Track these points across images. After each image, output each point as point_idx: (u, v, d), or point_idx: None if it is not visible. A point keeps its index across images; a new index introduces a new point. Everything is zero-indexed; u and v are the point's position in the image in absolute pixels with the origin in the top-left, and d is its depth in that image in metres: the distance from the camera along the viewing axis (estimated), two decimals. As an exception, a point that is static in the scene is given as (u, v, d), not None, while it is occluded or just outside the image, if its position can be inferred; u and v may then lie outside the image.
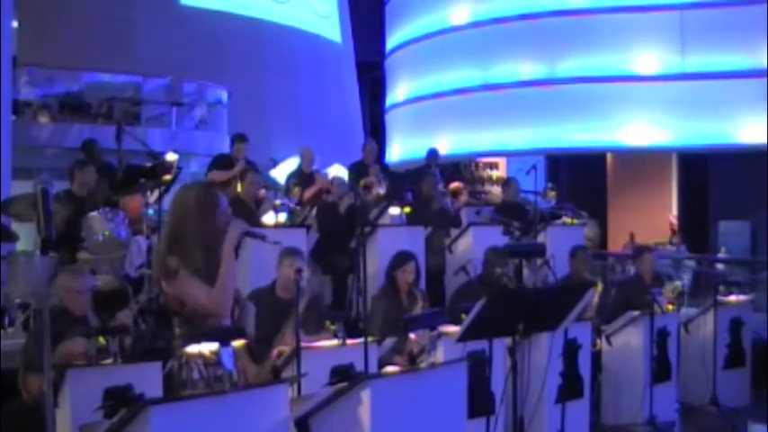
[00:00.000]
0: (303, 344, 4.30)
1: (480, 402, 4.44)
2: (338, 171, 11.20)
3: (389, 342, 5.05)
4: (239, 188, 7.17)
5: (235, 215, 3.39)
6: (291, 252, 4.97)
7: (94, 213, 6.27)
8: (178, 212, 3.23)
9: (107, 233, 6.25)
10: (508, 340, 4.11)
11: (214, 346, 3.10)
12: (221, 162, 8.02)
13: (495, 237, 7.20)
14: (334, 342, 4.54)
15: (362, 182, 8.33)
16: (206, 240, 3.18)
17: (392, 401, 3.72)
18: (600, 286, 5.96)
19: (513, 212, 7.94)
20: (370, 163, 8.82)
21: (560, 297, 4.09)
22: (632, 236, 14.29)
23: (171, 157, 7.11)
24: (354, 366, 4.22)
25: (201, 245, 3.16)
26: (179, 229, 3.20)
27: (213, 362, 3.12)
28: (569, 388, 5.33)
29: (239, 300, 3.38)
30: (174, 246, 3.17)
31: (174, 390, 3.14)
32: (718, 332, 6.74)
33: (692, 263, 11.70)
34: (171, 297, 3.13)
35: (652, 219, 16.16)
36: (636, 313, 6.12)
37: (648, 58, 15.25)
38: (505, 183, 8.82)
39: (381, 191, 8.51)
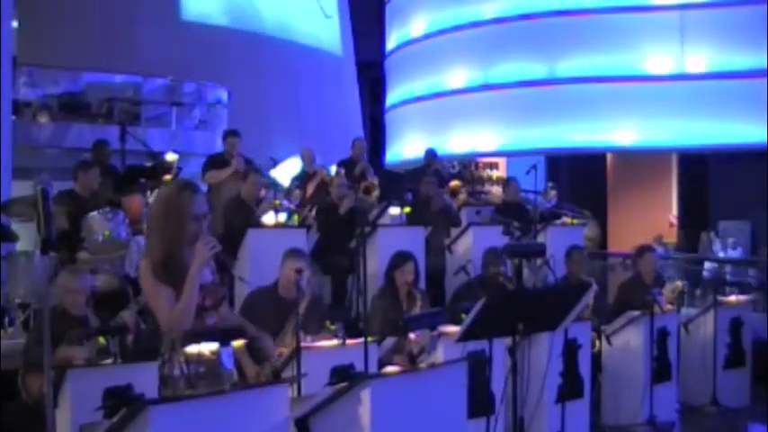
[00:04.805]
0: (303, 344, 4.31)
1: (480, 402, 4.44)
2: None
3: (389, 342, 5.05)
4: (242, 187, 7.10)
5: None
6: (293, 253, 4.98)
7: (94, 213, 6.27)
8: (152, 209, 3.11)
9: (107, 233, 6.25)
10: (508, 340, 4.10)
11: (214, 346, 3.10)
12: (216, 161, 7.69)
13: (495, 237, 7.19)
14: (334, 342, 4.54)
15: (363, 185, 8.33)
16: (168, 245, 3.00)
17: (392, 401, 3.72)
18: (594, 287, 5.94)
19: (513, 212, 7.95)
20: (359, 160, 8.79)
21: (560, 297, 4.09)
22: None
23: (171, 157, 7.14)
24: (354, 366, 4.22)
25: (164, 250, 2.99)
26: (150, 228, 3.09)
27: (196, 360, 3.04)
28: (569, 388, 5.33)
29: (225, 297, 3.31)
30: (147, 246, 3.09)
31: (160, 387, 3.08)
32: (718, 332, 6.74)
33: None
34: None
35: (652, 219, 16.15)
36: (636, 313, 6.12)
37: (648, 58, 15.24)
38: (505, 183, 8.84)
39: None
